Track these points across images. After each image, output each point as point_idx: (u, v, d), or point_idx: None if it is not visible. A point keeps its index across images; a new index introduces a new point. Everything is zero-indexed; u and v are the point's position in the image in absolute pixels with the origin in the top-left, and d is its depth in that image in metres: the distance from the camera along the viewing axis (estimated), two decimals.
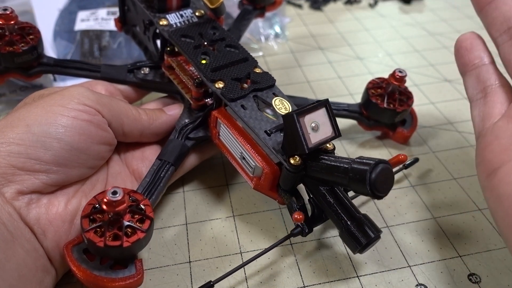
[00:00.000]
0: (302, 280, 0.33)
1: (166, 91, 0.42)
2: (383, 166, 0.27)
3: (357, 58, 0.59)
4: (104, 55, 0.53)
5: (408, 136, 0.44)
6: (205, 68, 0.35)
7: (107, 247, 0.27)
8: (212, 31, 0.39)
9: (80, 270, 0.28)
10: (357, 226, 0.29)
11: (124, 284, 0.28)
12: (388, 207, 0.38)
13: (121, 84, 0.41)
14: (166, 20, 0.39)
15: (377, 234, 0.29)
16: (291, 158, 0.30)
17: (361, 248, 0.29)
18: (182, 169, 0.38)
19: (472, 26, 0.66)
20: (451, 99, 0.51)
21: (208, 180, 0.41)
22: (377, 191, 0.27)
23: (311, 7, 0.72)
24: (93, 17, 0.56)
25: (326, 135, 0.30)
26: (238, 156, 0.34)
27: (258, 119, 0.33)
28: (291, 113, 0.29)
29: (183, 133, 0.37)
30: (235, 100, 0.34)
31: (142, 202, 0.30)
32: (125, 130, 0.36)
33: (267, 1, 0.49)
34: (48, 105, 0.32)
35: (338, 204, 0.30)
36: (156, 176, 0.34)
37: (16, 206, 0.29)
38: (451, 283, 0.32)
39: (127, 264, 0.29)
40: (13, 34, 0.38)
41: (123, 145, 0.38)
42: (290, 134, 0.29)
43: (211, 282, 0.30)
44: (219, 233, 0.36)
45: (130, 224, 0.28)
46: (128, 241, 0.27)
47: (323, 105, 0.30)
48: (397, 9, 0.72)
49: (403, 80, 0.42)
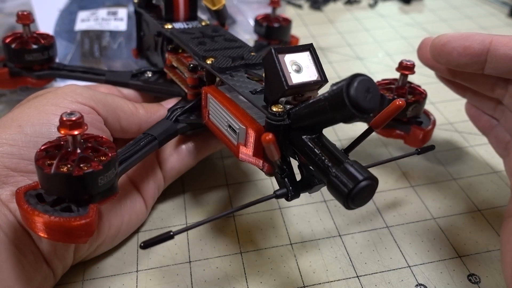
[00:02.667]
0: (302, 280, 0.33)
1: (169, 93, 0.42)
2: (362, 78, 0.24)
3: (357, 58, 0.59)
4: (105, 55, 0.53)
5: (426, 134, 0.39)
6: (199, 49, 0.35)
7: (56, 175, 0.25)
8: (214, 32, 0.39)
9: (22, 208, 0.25)
10: (343, 170, 0.25)
11: (59, 222, 0.25)
12: (388, 207, 0.38)
13: (124, 88, 0.41)
14: (171, 25, 0.40)
15: (366, 176, 0.24)
16: (273, 106, 0.28)
17: (349, 195, 0.24)
18: (178, 170, 0.39)
19: (472, 26, 0.67)
20: (451, 99, 0.51)
21: (208, 180, 0.41)
22: (360, 106, 0.23)
23: (311, 7, 0.72)
24: (93, 17, 0.56)
25: (311, 78, 0.27)
26: (225, 127, 0.33)
27: (245, 83, 0.31)
28: (269, 49, 0.26)
29: (173, 114, 0.37)
30: (224, 71, 0.33)
31: (107, 144, 0.28)
32: (122, 125, 0.35)
33: (282, 37, 0.50)
34: (41, 104, 0.32)
35: (323, 151, 0.26)
36: (135, 144, 0.33)
37: (11, 208, 0.29)
38: (450, 283, 0.32)
39: (80, 208, 0.26)
40: (29, 36, 0.42)
41: (123, 142, 0.38)
42: (270, 76, 0.27)
43: (171, 232, 0.25)
44: (219, 233, 0.37)
45: (86, 156, 0.26)
46: (80, 171, 0.25)
47: (306, 48, 0.28)
48: (397, 9, 0.72)
49: (412, 69, 0.39)
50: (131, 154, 0.31)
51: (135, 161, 0.32)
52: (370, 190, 0.25)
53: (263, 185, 0.41)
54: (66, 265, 0.32)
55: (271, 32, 0.50)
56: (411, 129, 0.39)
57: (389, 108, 0.26)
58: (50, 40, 0.42)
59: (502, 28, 0.66)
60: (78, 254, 0.33)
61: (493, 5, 0.72)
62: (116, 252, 0.35)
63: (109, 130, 0.34)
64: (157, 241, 0.25)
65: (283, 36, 0.51)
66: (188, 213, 0.38)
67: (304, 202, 0.39)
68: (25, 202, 0.26)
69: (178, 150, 0.38)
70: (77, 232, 0.25)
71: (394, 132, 0.40)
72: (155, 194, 0.38)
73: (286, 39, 0.51)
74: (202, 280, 0.33)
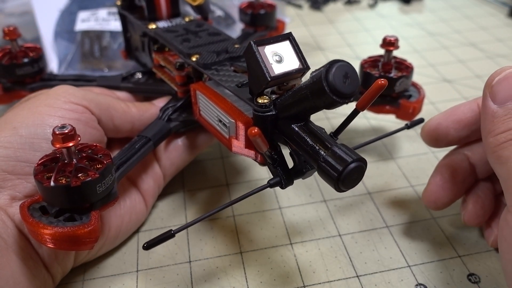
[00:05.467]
0: (302, 280, 0.33)
1: (158, 92, 0.42)
2: (340, 64, 0.24)
3: (357, 58, 0.59)
4: (105, 56, 0.53)
5: (416, 107, 0.40)
6: (183, 47, 0.35)
7: (55, 188, 0.25)
8: (197, 28, 0.40)
9: (27, 222, 0.26)
10: (332, 154, 0.25)
11: (64, 232, 0.26)
12: (388, 207, 0.39)
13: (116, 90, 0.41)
14: (155, 25, 0.40)
15: (354, 158, 0.24)
16: (259, 98, 0.28)
17: (339, 178, 0.24)
18: (177, 166, 0.39)
19: (471, 26, 0.67)
20: (450, 99, 0.51)
21: (208, 180, 0.42)
22: (338, 92, 0.24)
23: (311, 8, 0.72)
24: (93, 18, 0.57)
25: (292, 67, 0.27)
26: (216, 122, 0.33)
27: (231, 77, 0.32)
28: (249, 43, 0.27)
29: (165, 114, 0.37)
30: (209, 67, 0.33)
31: (102, 152, 0.28)
32: (115, 124, 0.35)
33: (268, 23, 0.50)
34: (34, 106, 0.32)
35: (311, 137, 0.27)
36: (131, 147, 0.33)
37: (10, 212, 0.28)
38: (450, 283, 0.32)
39: (83, 217, 0.27)
40: (17, 50, 0.42)
41: (117, 143, 0.38)
42: (252, 69, 0.27)
43: (171, 230, 0.27)
44: (219, 233, 0.37)
45: (82, 166, 0.26)
46: (77, 181, 0.26)
47: (285, 38, 0.28)
48: (397, 9, 0.72)
49: (396, 44, 0.40)
50: (128, 158, 0.32)
51: (132, 164, 0.32)
52: (359, 171, 0.25)
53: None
54: (66, 270, 0.32)
55: (256, 19, 0.49)
56: (400, 104, 0.40)
57: (371, 88, 0.26)
58: (39, 52, 0.43)
59: (502, 28, 0.66)
60: (79, 258, 0.33)
61: (492, 5, 0.72)
62: (116, 252, 0.35)
63: (102, 130, 0.34)
64: (158, 240, 0.26)
65: (269, 22, 0.50)
66: (188, 213, 0.38)
67: (304, 202, 0.39)
68: (29, 216, 0.26)
69: (175, 146, 0.39)
70: (82, 240, 0.26)
71: (385, 108, 0.41)
72: (156, 193, 0.38)
73: (272, 25, 0.51)
74: (202, 280, 0.33)
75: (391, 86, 0.39)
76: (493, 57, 0.59)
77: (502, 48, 0.61)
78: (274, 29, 0.51)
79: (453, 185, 0.33)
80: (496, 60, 0.59)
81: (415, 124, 0.36)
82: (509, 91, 0.27)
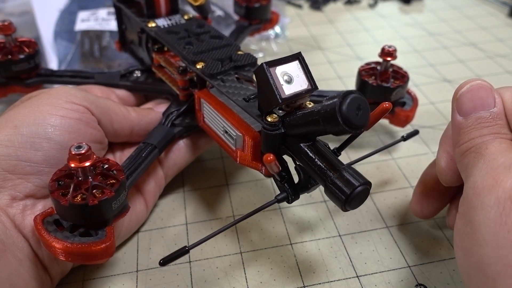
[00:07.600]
0: (302, 280, 0.33)
1: (158, 91, 0.42)
2: (353, 96, 0.25)
3: (357, 58, 0.59)
4: (105, 55, 0.53)
5: (409, 115, 0.42)
6: (187, 52, 0.35)
7: (72, 206, 0.26)
8: (198, 28, 0.39)
9: (43, 236, 0.26)
10: (340, 177, 0.26)
11: (80, 248, 0.26)
12: (388, 208, 0.38)
13: (115, 88, 0.41)
14: (155, 23, 0.40)
15: (361, 182, 0.26)
16: (268, 116, 0.29)
17: (346, 200, 0.26)
18: (179, 166, 0.39)
19: (471, 26, 0.67)
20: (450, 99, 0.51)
21: (208, 180, 0.41)
22: (351, 123, 0.25)
23: (311, 7, 0.72)
24: (93, 17, 0.56)
25: (302, 87, 0.28)
26: (222, 132, 0.34)
27: (237, 89, 0.32)
28: (261, 64, 0.27)
29: (169, 119, 0.37)
30: (215, 77, 0.33)
31: (115, 167, 0.28)
32: (115, 127, 0.35)
33: (263, 16, 0.49)
34: (35, 105, 0.31)
35: (320, 158, 0.28)
36: (138, 156, 0.33)
37: (10, 213, 0.28)
38: (450, 283, 0.32)
39: (98, 232, 0.28)
40: (12, 45, 0.42)
41: (118, 147, 0.38)
42: (263, 89, 0.28)
43: (186, 247, 0.28)
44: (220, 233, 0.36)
45: (98, 183, 0.27)
46: (95, 200, 0.26)
47: (295, 58, 0.28)
48: (397, 9, 0.72)
49: (394, 54, 0.40)
50: (136, 167, 0.33)
51: (140, 173, 0.33)
52: (365, 193, 0.26)
53: (263, 185, 0.41)
54: (66, 270, 0.32)
55: (251, 12, 0.49)
56: (395, 111, 0.42)
57: (377, 111, 0.28)
58: (35, 47, 0.43)
59: (502, 28, 0.66)
60: None
61: (493, 5, 0.72)
62: (116, 252, 0.35)
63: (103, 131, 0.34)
64: (174, 257, 0.27)
65: (264, 15, 0.50)
66: (188, 213, 0.38)
67: (304, 202, 0.39)
68: (44, 230, 0.27)
69: (178, 147, 0.39)
70: (98, 256, 0.27)
71: None
72: (156, 193, 0.38)
73: (267, 18, 0.51)
74: (202, 280, 0.33)
75: (387, 95, 0.41)
76: (493, 57, 0.59)
77: (502, 48, 0.61)
78: (269, 22, 0.51)
79: (436, 194, 0.34)
80: (496, 60, 0.59)
81: (410, 136, 0.38)
82: (472, 103, 0.28)
